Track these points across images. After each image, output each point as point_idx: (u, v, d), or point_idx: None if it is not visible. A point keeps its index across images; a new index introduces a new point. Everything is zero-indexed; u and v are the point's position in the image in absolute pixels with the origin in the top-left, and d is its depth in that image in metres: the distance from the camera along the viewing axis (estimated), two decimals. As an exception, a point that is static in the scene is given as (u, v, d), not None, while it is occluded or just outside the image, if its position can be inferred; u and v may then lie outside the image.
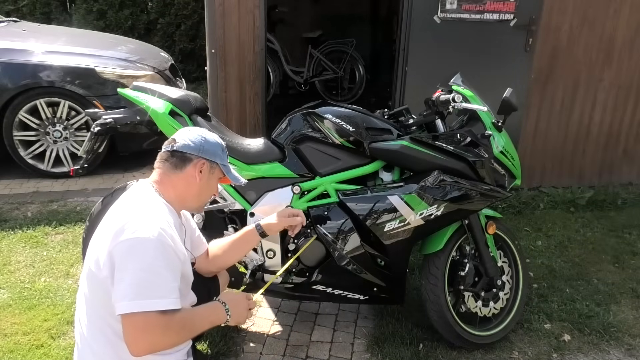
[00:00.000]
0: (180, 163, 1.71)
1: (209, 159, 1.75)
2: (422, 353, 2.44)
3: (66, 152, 4.21)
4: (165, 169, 1.72)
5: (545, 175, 4.35)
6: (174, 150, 1.72)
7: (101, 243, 1.54)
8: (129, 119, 2.37)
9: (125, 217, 1.53)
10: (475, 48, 3.85)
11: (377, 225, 2.24)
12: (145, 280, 1.45)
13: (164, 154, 1.74)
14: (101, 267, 1.50)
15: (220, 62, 3.79)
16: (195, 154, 1.73)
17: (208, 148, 1.76)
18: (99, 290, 1.54)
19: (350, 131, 2.28)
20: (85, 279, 1.62)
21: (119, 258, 1.46)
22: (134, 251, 1.46)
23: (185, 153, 1.72)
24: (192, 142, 1.73)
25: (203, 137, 1.76)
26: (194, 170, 1.72)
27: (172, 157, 1.72)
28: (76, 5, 7.63)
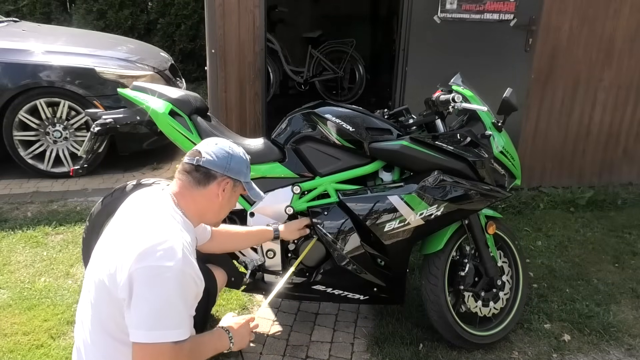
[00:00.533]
0: (204, 179, 1.66)
1: (233, 177, 1.71)
2: (422, 353, 2.44)
3: (66, 152, 4.21)
4: (188, 183, 1.67)
5: (545, 175, 4.35)
6: (198, 165, 1.66)
7: (119, 257, 1.47)
8: (129, 119, 2.37)
9: (149, 237, 1.47)
10: (475, 48, 3.85)
11: (377, 225, 2.24)
12: (163, 311, 1.43)
13: (187, 167, 1.67)
14: (118, 286, 1.45)
15: (220, 62, 3.79)
16: (220, 172, 1.68)
17: (234, 166, 1.71)
18: (111, 305, 1.49)
19: (350, 131, 2.28)
20: (93, 287, 1.56)
21: (140, 284, 1.42)
22: (156, 281, 1.43)
23: (210, 170, 1.67)
24: (218, 159, 1.68)
25: (229, 153, 1.71)
26: (217, 188, 1.68)
27: (196, 171, 1.66)
28: (76, 5, 7.63)
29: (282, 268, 2.36)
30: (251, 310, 2.72)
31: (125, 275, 1.43)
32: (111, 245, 1.56)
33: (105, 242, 1.61)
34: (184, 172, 1.68)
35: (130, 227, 1.55)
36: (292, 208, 2.33)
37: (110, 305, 1.50)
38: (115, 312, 1.49)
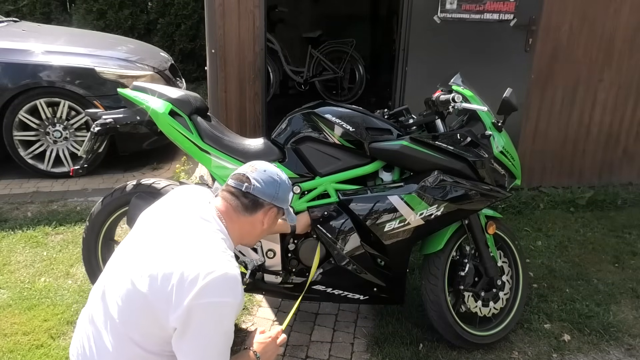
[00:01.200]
0: (251, 207, 1.66)
1: (279, 206, 1.72)
2: (422, 353, 2.44)
3: (66, 152, 4.21)
4: (235, 207, 1.65)
5: (545, 175, 4.35)
6: (247, 192, 1.66)
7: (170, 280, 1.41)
8: (129, 119, 2.37)
9: (210, 268, 1.42)
10: (475, 48, 3.85)
11: (377, 225, 2.24)
12: (217, 344, 1.45)
13: (236, 191, 1.66)
14: (169, 312, 1.41)
15: (220, 62, 3.79)
16: (267, 201, 1.68)
17: (281, 195, 1.71)
18: (149, 320, 1.46)
19: (350, 131, 2.28)
20: (124, 292, 1.48)
21: (199, 319, 1.41)
22: (216, 317, 1.43)
23: (259, 198, 1.66)
24: (267, 187, 1.67)
25: (277, 181, 1.70)
26: (263, 216, 1.69)
27: (244, 197, 1.66)
28: (76, 5, 7.63)
29: (282, 268, 2.35)
30: (251, 310, 2.72)
31: (183, 307, 1.39)
32: (153, 254, 1.49)
33: (142, 246, 1.55)
34: (231, 194, 1.67)
35: (182, 244, 1.49)
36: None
37: (147, 319, 1.46)
38: (149, 326, 1.47)
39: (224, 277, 1.43)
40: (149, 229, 1.61)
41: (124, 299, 1.48)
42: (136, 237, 1.62)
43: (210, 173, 2.40)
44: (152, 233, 1.58)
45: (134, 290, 1.46)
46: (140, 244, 1.57)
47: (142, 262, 1.49)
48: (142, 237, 1.60)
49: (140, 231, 1.63)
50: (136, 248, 1.57)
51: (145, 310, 1.45)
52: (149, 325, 1.47)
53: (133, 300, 1.46)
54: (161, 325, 1.45)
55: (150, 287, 1.43)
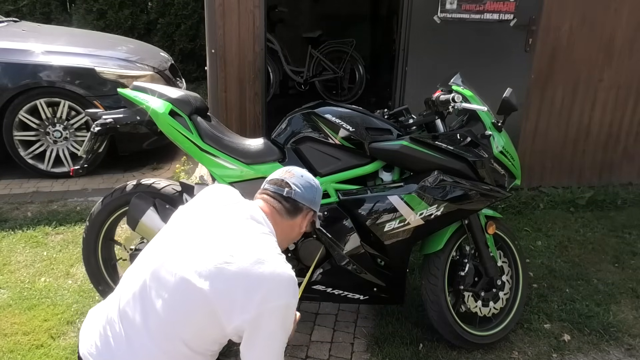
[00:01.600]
0: (293, 211, 1.70)
1: (315, 210, 1.78)
2: (422, 353, 2.44)
3: (66, 152, 4.21)
4: (278, 210, 1.68)
5: (545, 175, 4.35)
6: (288, 197, 1.70)
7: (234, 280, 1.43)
8: (129, 119, 2.37)
9: (277, 271, 1.46)
10: (475, 48, 3.85)
11: (377, 225, 2.24)
12: (281, 342, 1.51)
13: (277, 196, 1.69)
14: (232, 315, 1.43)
15: (220, 62, 3.79)
16: (307, 205, 1.73)
17: (317, 200, 1.78)
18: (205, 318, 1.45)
19: (350, 131, 2.28)
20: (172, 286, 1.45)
21: (267, 321, 1.45)
22: (282, 318, 1.47)
23: (299, 203, 1.71)
24: (307, 192, 1.73)
25: (314, 186, 1.77)
26: (302, 220, 1.74)
27: (285, 202, 1.69)
28: (76, 5, 7.63)
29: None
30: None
31: (253, 311, 1.42)
32: (211, 252, 1.48)
33: (193, 242, 1.53)
34: (271, 197, 1.70)
35: (241, 245, 1.50)
36: None
37: (204, 318, 1.45)
38: (205, 325, 1.46)
39: (287, 280, 1.48)
40: (196, 225, 1.59)
41: (177, 297, 1.45)
42: (180, 232, 1.59)
43: (210, 173, 2.40)
44: (201, 230, 1.56)
45: (191, 288, 1.44)
46: (188, 240, 1.54)
47: (199, 260, 1.47)
48: (188, 233, 1.57)
49: (183, 227, 1.61)
50: (184, 244, 1.53)
51: (203, 309, 1.44)
52: (204, 324, 1.46)
53: (189, 299, 1.44)
54: (220, 325, 1.45)
55: (212, 286, 1.42)
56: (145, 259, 1.58)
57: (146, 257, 1.58)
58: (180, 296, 1.45)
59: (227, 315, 1.43)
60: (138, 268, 1.57)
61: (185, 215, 1.66)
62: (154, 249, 1.59)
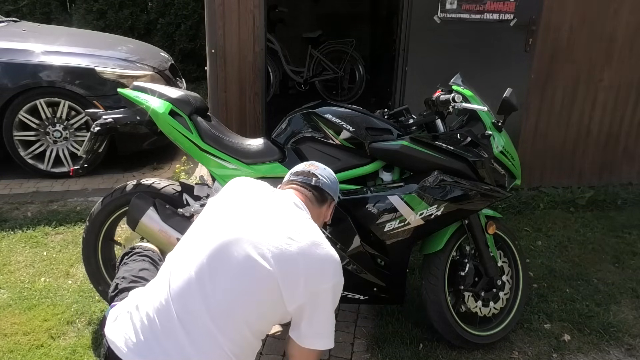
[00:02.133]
0: (321, 200, 1.78)
1: (336, 200, 1.88)
2: (422, 353, 2.44)
3: (66, 152, 4.21)
4: (309, 198, 1.75)
5: (545, 175, 4.35)
6: (317, 186, 1.77)
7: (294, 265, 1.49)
8: (129, 119, 2.37)
9: (328, 254, 1.56)
10: (475, 48, 3.85)
11: (377, 225, 2.24)
12: (333, 315, 1.61)
13: (307, 185, 1.76)
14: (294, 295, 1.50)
15: (220, 62, 3.79)
16: (331, 195, 1.82)
17: (338, 191, 1.88)
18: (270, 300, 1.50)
19: (350, 131, 2.28)
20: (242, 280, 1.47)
21: (324, 299, 1.55)
22: (336, 296, 1.59)
23: (326, 192, 1.79)
24: (332, 183, 1.83)
25: (336, 179, 1.87)
26: (327, 209, 1.82)
27: (315, 190, 1.77)
28: (76, 5, 7.63)
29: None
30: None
31: (314, 291, 1.52)
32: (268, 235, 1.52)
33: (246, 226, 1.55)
34: (302, 186, 1.76)
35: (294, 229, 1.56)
36: None
37: (269, 297, 1.49)
38: (269, 304, 1.51)
39: (338, 261, 1.59)
40: (245, 210, 1.62)
41: (242, 278, 1.47)
42: (230, 217, 1.61)
43: (210, 173, 2.40)
44: (253, 213, 1.60)
45: (257, 268, 1.47)
46: (243, 223, 1.57)
47: (260, 241, 1.50)
48: (240, 216, 1.59)
49: (231, 212, 1.63)
50: (241, 227, 1.55)
51: (269, 288, 1.48)
52: (269, 304, 1.51)
53: (255, 278, 1.47)
54: (282, 304, 1.51)
55: (276, 266, 1.47)
56: (195, 246, 1.57)
57: (197, 245, 1.57)
58: (246, 277, 1.48)
59: (290, 294, 1.49)
60: (188, 255, 1.55)
61: (227, 204, 1.68)
62: (204, 236, 1.58)
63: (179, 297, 1.48)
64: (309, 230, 1.59)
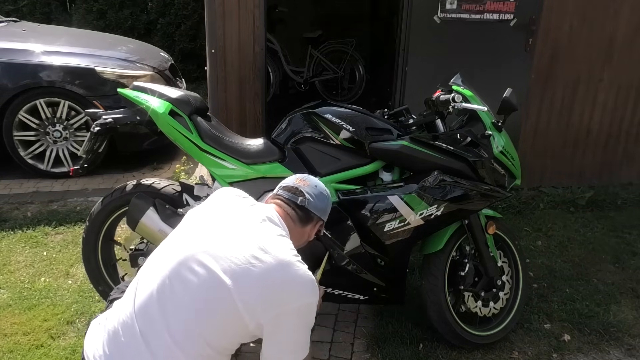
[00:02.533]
0: (305, 219, 1.73)
1: (324, 219, 1.81)
2: (422, 353, 2.44)
3: (66, 152, 4.21)
4: (291, 217, 1.71)
5: (545, 175, 4.35)
6: (302, 206, 1.72)
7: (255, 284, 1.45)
8: (129, 119, 2.37)
9: (295, 274, 1.50)
10: (475, 48, 3.85)
11: (377, 225, 2.24)
12: (304, 337, 1.56)
13: (291, 203, 1.71)
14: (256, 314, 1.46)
15: (220, 62, 3.79)
16: (318, 215, 1.76)
17: (328, 209, 1.81)
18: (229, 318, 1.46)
19: (350, 131, 2.28)
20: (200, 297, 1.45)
21: (288, 321, 1.50)
22: (303, 317, 1.54)
23: (311, 212, 1.74)
24: (320, 202, 1.76)
25: (327, 197, 1.80)
26: (311, 229, 1.77)
27: (299, 210, 1.72)
28: (76, 5, 7.63)
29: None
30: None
31: (274, 313, 1.47)
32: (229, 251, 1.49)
33: (212, 242, 1.52)
34: (285, 202, 1.72)
35: (259, 245, 1.51)
36: None
37: (229, 315, 1.46)
38: (229, 322, 1.47)
39: (306, 281, 1.51)
40: (215, 225, 1.59)
41: (202, 295, 1.45)
42: (199, 232, 1.59)
43: (210, 173, 2.39)
44: (222, 230, 1.57)
45: (216, 285, 1.44)
46: (210, 239, 1.54)
47: (223, 258, 1.47)
48: (209, 232, 1.57)
49: (202, 227, 1.61)
50: (206, 243, 1.52)
51: (228, 306, 1.45)
52: (228, 321, 1.47)
53: (215, 296, 1.45)
54: (243, 323, 1.47)
55: (237, 285, 1.44)
56: (161, 259, 1.56)
57: (162, 258, 1.56)
58: (205, 294, 1.45)
59: (250, 314, 1.45)
60: (153, 269, 1.55)
61: (200, 216, 1.66)
62: (170, 249, 1.58)
63: (142, 313, 1.48)
64: (278, 249, 1.52)
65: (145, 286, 1.52)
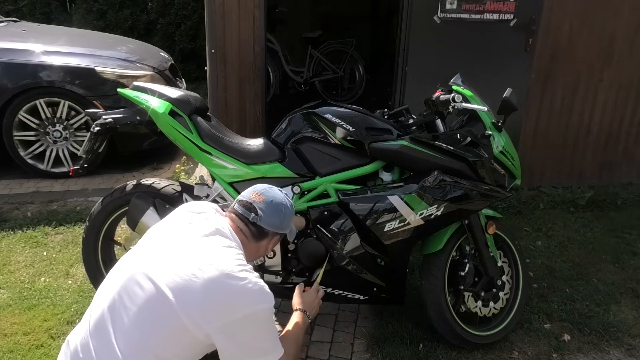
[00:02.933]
0: (258, 236, 1.73)
1: (281, 233, 1.81)
2: (422, 353, 2.44)
3: (66, 152, 4.21)
4: (244, 232, 1.71)
5: (545, 175, 4.35)
6: (254, 223, 1.71)
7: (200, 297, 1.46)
8: (129, 119, 2.37)
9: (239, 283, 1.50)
10: (475, 48, 3.85)
11: (377, 225, 2.24)
12: (262, 343, 1.56)
13: (244, 219, 1.71)
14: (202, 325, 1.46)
15: (220, 62, 3.79)
16: (272, 230, 1.75)
17: (285, 224, 1.79)
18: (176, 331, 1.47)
19: (350, 131, 2.28)
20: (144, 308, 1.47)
21: (241, 332, 1.50)
22: (256, 325, 1.53)
23: (265, 229, 1.73)
24: (274, 218, 1.73)
25: (283, 212, 1.76)
26: (267, 243, 1.77)
27: (252, 226, 1.72)
28: (76, 5, 7.63)
29: (281, 268, 2.35)
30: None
31: (221, 325, 1.47)
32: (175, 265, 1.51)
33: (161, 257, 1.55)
34: (238, 218, 1.72)
35: (207, 259, 1.53)
36: None
37: (173, 325, 1.47)
38: (176, 335, 1.47)
39: (249, 289, 1.50)
40: (163, 241, 1.63)
41: (146, 310, 1.47)
42: (147, 249, 1.63)
43: (210, 173, 2.40)
44: (168, 245, 1.60)
45: (159, 299, 1.46)
46: (156, 255, 1.57)
47: (166, 273, 1.49)
48: (156, 248, 1.60)
49: (152, 243, 1.64)
50: (152, 259, 1.56)
51: (173, 320, 1.46)
52: (175, 334, 1.47)
53: (158, 310, 1.47)
54: (190, 334, 1.47)
55: (179, 298, 1.45)
56: (113, 277, 1.60)
57: (115, 276, 1.60)
58: (150, 307, 1.47)
59: (195, 326, 1.46)
60: (106, 287, 1.59)
61: (154, 233, 1.69)
62: (123, 266, 1.61)
63: (95, 330, 1.50)
64: (221, 260, 1.53)
65: (98, 303, 1.55)
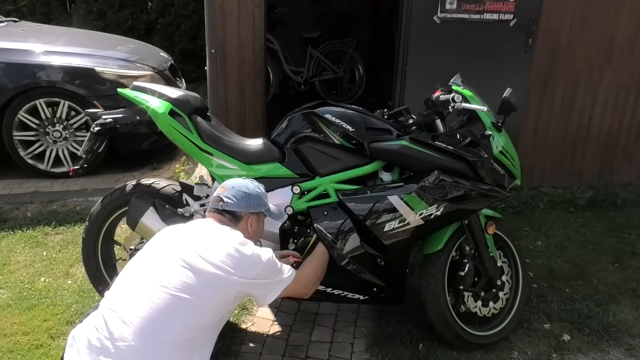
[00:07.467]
0: (234, 220, 1.93)
1: (255, 212, 1.97)
2: (421, 353, 2.44)
3: (66, 152, 4.21)
4: (223, 222, 1.91)
5: (545, 175, 4.35)
6: (224, 210, 1.91)
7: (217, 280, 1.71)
8: (128, 119, 2.37)
9: (244, 249, 1.79)
10: (475, 48, 3.85)
11: (376, 225, 2.24)
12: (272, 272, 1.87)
13: (216, 211, 1.92)
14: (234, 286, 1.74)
15: (220, 62, 3.79)
16: (244, 212, 1.94)
17: (253, 203, 1.96)
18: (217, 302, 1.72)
19: (350, 131, 2.28)
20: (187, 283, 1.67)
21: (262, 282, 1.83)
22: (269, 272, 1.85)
23: (235, 212, 1.92)
24: (238, 201, 1.93)
25: (246, 193, 1.95)
26: (246, 224, 1.96)
27: (226, 213, 1.92)
28: (76, 5, 7.63)
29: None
30: (251, 310, 2.72)
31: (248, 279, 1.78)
32: (199, 248, 1.74)
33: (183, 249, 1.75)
34: (216, 214, 1.92)
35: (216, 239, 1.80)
36: (292, 208, 2.34)
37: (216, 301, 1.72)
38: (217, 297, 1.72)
39: (255, 255, 1.80)
40: (176, 240, 1.81)
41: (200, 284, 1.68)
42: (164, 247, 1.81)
43: (210, 173, 2.40)
44: (187, 237, 1.81)
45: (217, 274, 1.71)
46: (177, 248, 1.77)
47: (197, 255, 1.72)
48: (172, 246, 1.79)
49: (165, 243, 1.83)
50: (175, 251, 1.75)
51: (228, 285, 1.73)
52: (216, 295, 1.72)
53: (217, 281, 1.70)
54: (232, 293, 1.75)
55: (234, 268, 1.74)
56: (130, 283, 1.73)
57: (133, 280, 1.74)
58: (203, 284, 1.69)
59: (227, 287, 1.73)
60: (124, 292, 1.71)
61: (157, 244, 1.85)
62: (139, 272, 1.76)
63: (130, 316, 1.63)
64: (232, 236, 1.82)
65: (119, 298, 1.70)
